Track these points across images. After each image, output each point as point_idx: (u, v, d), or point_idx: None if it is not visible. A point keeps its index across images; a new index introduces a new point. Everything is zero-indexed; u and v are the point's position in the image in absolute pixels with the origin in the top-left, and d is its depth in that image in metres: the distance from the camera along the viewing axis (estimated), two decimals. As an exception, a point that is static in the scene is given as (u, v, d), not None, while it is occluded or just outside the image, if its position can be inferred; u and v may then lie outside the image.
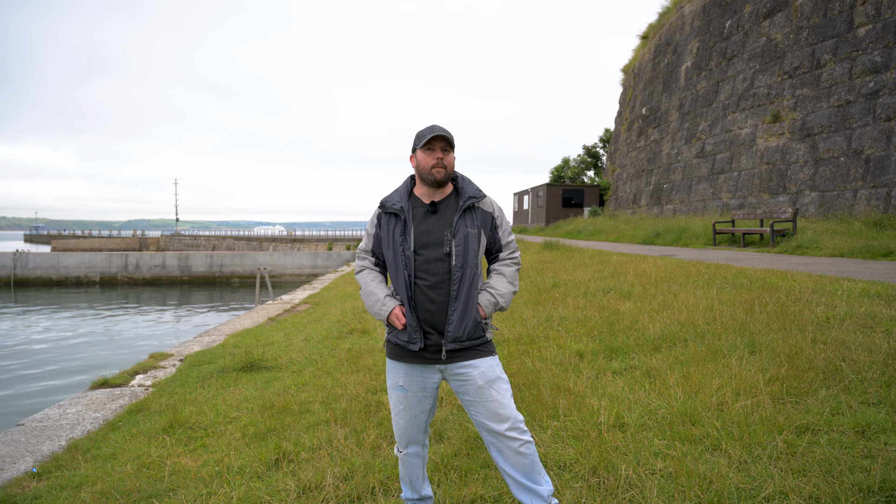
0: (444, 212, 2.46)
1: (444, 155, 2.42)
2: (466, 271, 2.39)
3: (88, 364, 12.92)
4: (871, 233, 11.08)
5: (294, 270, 33.52)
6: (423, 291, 2.41)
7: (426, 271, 2.41)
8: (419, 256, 2.41)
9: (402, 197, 2.51)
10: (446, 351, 2.39)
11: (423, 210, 2.47)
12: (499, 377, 2.43)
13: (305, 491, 2.91)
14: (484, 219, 2.48)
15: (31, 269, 31.05)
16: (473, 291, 2.41)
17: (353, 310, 8.92)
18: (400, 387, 2.49)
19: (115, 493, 3.13)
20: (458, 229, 2.40)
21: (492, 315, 2.50)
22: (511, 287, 2.52)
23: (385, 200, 2.52)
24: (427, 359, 2.43)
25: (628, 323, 5.47)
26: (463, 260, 2.38)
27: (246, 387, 5.15)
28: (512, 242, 2.58)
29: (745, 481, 2.58)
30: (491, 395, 2.38)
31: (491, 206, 2.53)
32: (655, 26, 27.97)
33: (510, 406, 2.39)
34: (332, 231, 68.08)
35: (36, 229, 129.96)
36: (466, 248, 2.39)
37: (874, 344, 3.96)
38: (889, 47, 13.36)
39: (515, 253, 2.58)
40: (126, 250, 63.49)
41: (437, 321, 2.40)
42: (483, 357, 2.42)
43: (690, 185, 20.44)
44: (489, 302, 2.45)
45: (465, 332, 2.37)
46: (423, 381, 2.47)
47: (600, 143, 38.55)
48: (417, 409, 2.50)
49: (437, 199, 2.49)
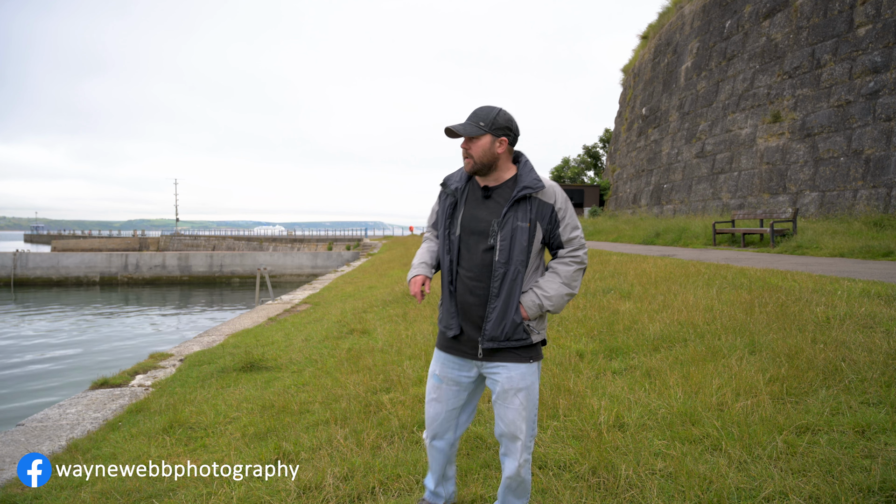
0: (497, 199, 2.29)
1: (469, 145, 2.25)
2: (510, 268, 2.22)
3: (88, 364, 12.91)
4: (871, 233, 11.08)
5: (294, 270, 33.51)
6: (464, 281, 2.29)
7: (469, 260, 2.28)
8: (464, 243, 2.29)
9: (463, 177, 2.37)
10: (483, 350, 2.28)
11: (478, 194, 2.32)
12: (525, 388, 2.28)
13: (305, 491, 2.91)
14: (541, 211, 2.26)
15: (31, 269, 31.04)
16: (517, 290, 2.24)
17: (354, 310, 8.92)
18: (435, 375, 2.41)
19: (115, 493, 3.13)
20: (506, 221, 2.23)
21: (538, 317, 2.31)
22: (565, 289, 2.28)
23: (447, 178, 2.42)
24: (465, 352, 2.33)
25: (628, 323, 5.47)
26: (508, 255, 2.22)
27: (246, 387, 5.15)
28: (576, 239, 2.33)
29: (745, 481, 2.58)
30: (514, 403, 2.27)
31: (553, 196, 2.29)
32: (655, 26, 27.98)
33: (527, 420, 2.29)
34: (332, 231, 68.09)
35: (36, 229, 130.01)
36: (513, 242, 2.22)
37: (874, 344, 3.96)
38: (889, 47, 13.36)
39: (579, 251, 2.33)
40: (126, 250, 63.49)
41: (476, 315, 2.27)
42: (519, 362, 2.27)
43: (690, 185, 20.45)
44: (533, 303, 2.26)
45: (503, 333, 2.23)
46: (459, 374, 2.37)
47: (600, 143, 38.58)
48: (450, 402, 2.40)
49: (492, 185, 2.31)
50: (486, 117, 2.24)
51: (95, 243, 72.61)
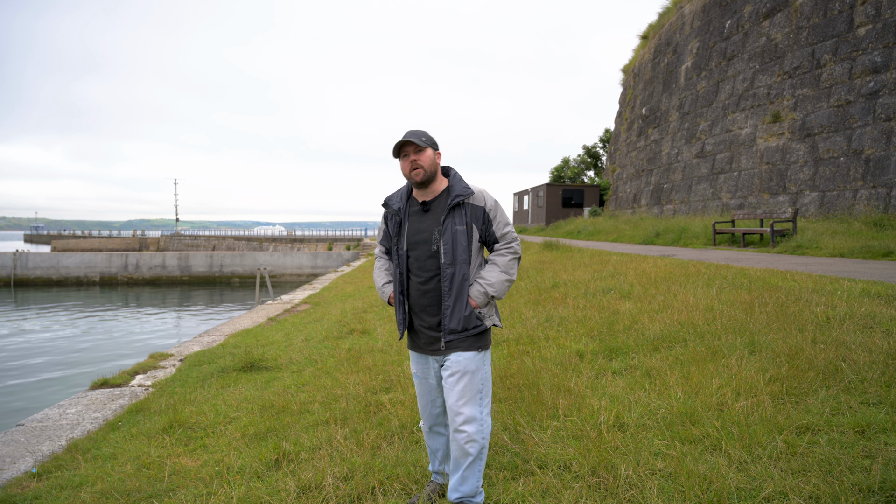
0: (435, 210, 2.57)
1: (417, 156, 2.51)
2: (457, 268, 2.51)
3: (88, 364, 12.91)
4: (871, 233, 11.08)
5: (294, 270, 33.51)
6: (418, 287, 2.57)
7: (419, 268, 2.56)
8: (412, 254, 2.57)
9: (402, 197, 2.66)
10: (445, 342, 2.54)
11: (418, 209, 2.60)
12: (472, 371, 2.53)
13: (305, 491, 2.91)
14: (475, 213, 2.56)
15: (31, 270, 31.04)
16: (465, 285, 2.53)
17: (353, 310, 8.92)
18: (415, 374, 2.72)
19: (115, 493, 3.13)
20: (446, 227, 2.51)
21: (487, 304, 2.59)
22: (504, 276, 2.57)
23: (387, 200, 2.69)
24: (429, 350, 2.60)
25: (628, 323, 5.47)
26: (452, 257, 2.50)
27: (246, 387, 5.15)
28: (509, 234, 2.62)
29: (745, 481, 2.58)
30: (458, 385, 2.51)
31: (483, 199, 2.58)
32: (655, 26, 27.97)
33: (469, 400, 2.51)
34: (331, 231, 68.06)
35: (36, 229, 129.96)
36: (455, 244, 2.51)
37: (874, 344, 3.96)
38: (889, 47, 13.36)
39: (512, 243, 2.62)
40: (126, 250, 63.48)
41: (432, 316, 2.55)
42: (467, 350, 2.54)
43: (690, 185, 20.45)
44: (479, 293, 2.54)
45: (460, 325, 2.51)
46: (427, 369, 2.67)
47: (600, 143, 38.56)
48: (428, 396, 2.69)
49: (429, 199, 2.60)
50: (424, 135, 2.55)
51: (95, 243, 72.58)
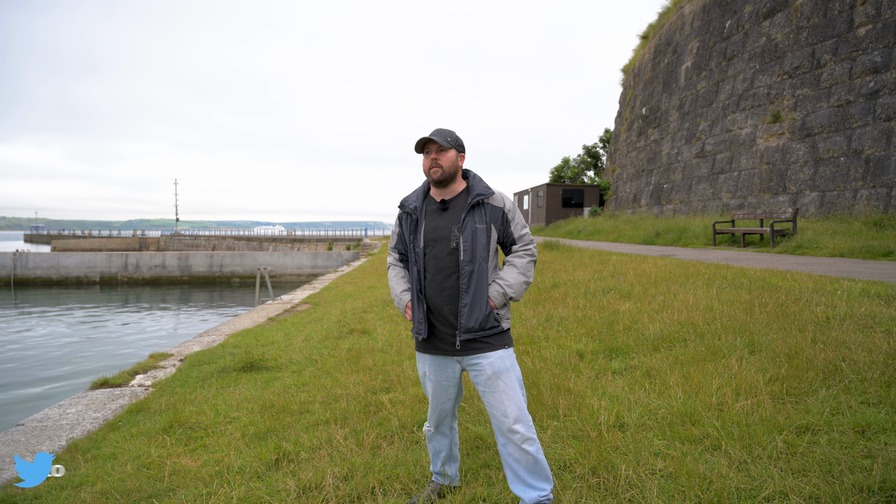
0: (454, 209, 2.58)
1: (438, 155, 2.53)
2: (476, 265, 2.50)
3: (88, 364, 12.91)
4: (871, 233, 11.08)
5: (294, 270, 33.51)
6: (434, 285, 2.55)
7: (436, 266, 2.55)
8: (429, 251, 2.56)
9: (418, 197, 2.67)
10: (460, 341, 2.51)
11: (435, 208, 2.61)
12: (507, 369, 2.51)
13: (305, 491, 2.91)
14: (494, 214, 2.57)
15: (31, 269, 31.03)
16: (483, 284, 2.52)
17: (353, 310, 8.92)
18: (427, 377, 2.68)
19: (115, 493, 3.13)
20: (465, 225, 2.52)
21: (504, 305, 2.60)
22: (522, 278, 2.58)
23: (403, 201, 2.70)
24: (444, 350, 2.57)
25: (628, 323, 5.47)
26: (471, 254, 2.50)
27: (246, 387, 5.15)
28: (526, 235, 2.65)
29: (745, 481, 2.58)
30: (499, 385, 2.48)
31: (502, 201, 2.61)
32: (655, 26, 27.97)
33: (516, 399, 2.49)
34: (331, 231, 68.06)
35: (36, 229, 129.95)
36: (475, 242, 2.50)
37: (874, 344, 3.96)
38: (889, 47, 13.36)
39: (530, 245, 2.64)
40: (126, 250, 63.45)
41: (449, 314, 2.53)
42: (496, 350, 2.52)
43: (690, 185, 20.45)
44: (498, 293, 2.54)
45: (478, 323, 2.49)
46: (444, 371, 2.62)
47: (600, 143, 38.54)
48: (443, 397, 2.67)
49: (448, 198, 2.61)
50: (451, 136, 2.57)
51: (95, 243, 72.58)
